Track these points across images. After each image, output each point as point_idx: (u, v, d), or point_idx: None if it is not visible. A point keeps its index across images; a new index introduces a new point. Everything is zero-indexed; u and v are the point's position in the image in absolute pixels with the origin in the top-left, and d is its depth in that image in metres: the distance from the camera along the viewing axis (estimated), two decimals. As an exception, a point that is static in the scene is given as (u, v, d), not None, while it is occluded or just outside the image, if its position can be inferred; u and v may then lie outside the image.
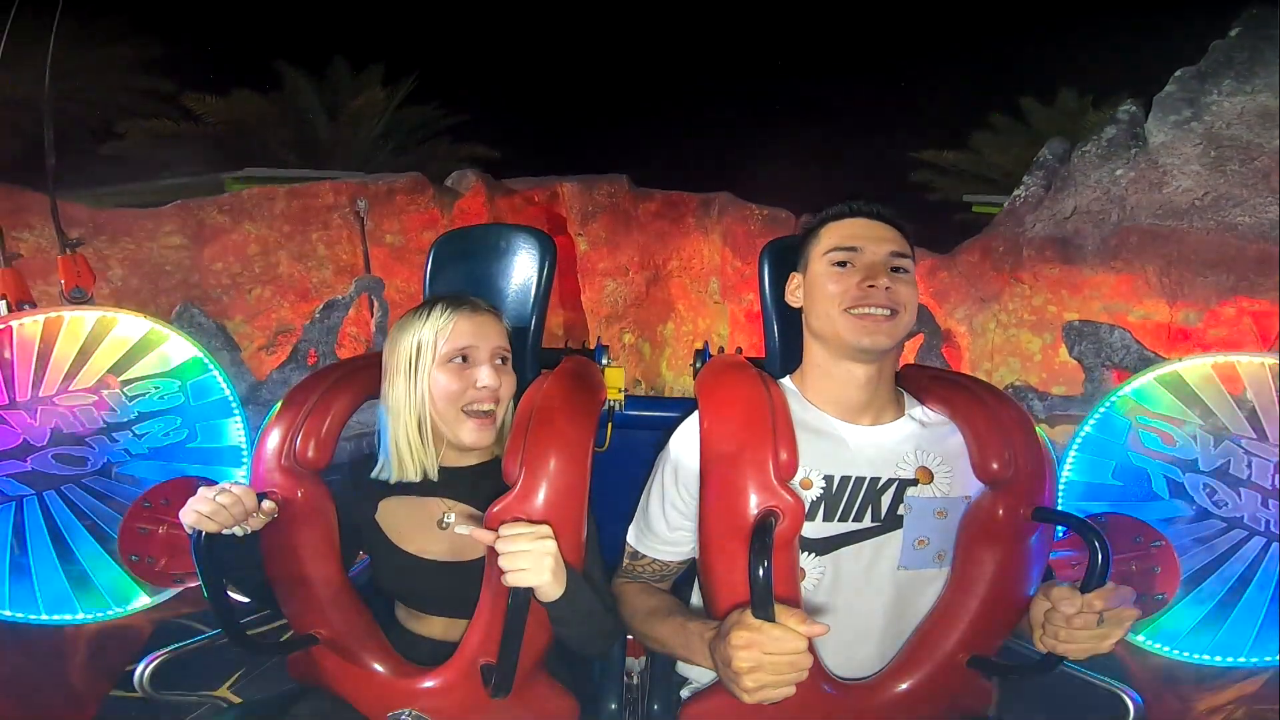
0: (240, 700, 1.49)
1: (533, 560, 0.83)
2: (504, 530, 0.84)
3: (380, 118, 7.73)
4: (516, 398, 1.05)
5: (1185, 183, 2.85)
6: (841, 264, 0.97)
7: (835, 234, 1.00)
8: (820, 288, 0.98)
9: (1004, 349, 3.31)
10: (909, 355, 3.26)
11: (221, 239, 3.43)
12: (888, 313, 0.94)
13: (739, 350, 1.31)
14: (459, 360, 1.01)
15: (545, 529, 0.85)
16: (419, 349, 1.01)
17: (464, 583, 1.00)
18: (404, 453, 1.02)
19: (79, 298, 1.67)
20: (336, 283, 3.65)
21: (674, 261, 4.96)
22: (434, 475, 1.04)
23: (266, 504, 0.94)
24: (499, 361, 1.04)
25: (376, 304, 3.45)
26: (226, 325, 3.15)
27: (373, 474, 1.07)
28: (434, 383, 1.00)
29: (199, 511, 0.86)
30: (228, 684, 1.52)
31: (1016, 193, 3.48)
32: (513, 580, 0.83)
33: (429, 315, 1.02)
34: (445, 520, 1.05)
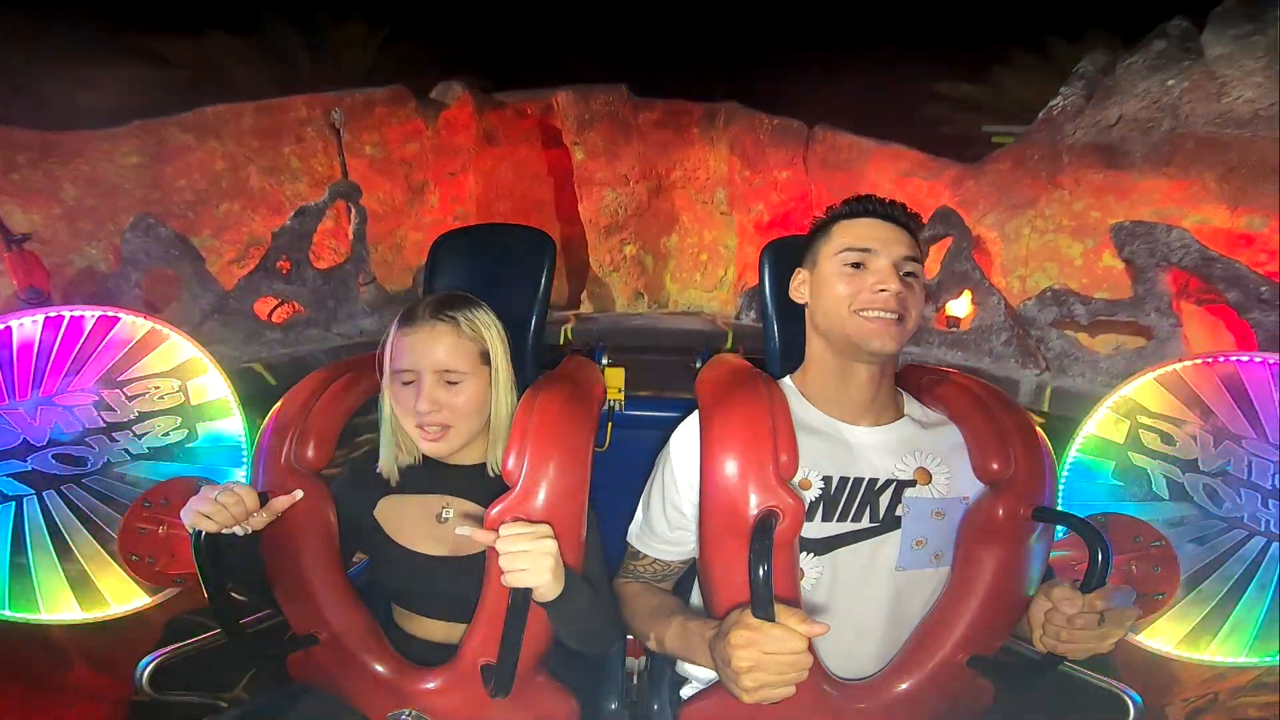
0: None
1: (532, 560, 0.83)
2: (504, 530, 0.84)
3: (365, 52, 7.44)
4: (520, 391, 1.05)
5: (1247, 93, 2.70)
6: (854, 265, 0.97)
7: (849, 233, 0.99)
8: (830, 286, 0.98)
9: (1040, 254, 3.19)
10: (935, 260, 3.18)
11: (185, 156, 3.30)
12: (896, 317, 0.94)
13: (739, 350, 1.31)
14: (405, 380, 1.00)
15: (545, 529, 0.85)
16: (382, 358, 1.04)
17: (462, 579, 1.00)
18: (383, 448, 1.07)
19: (35, 298, 1.60)
20: (312, 196, 3.47)
21: (677, 172, 4.77)
22: (394, 478, 1.07)
23: (279, 501, 0.94)
24: (447, 381, 1.00)
25: (354, 210, 3.30)
26: (193, 241, 3.00)
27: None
28: (390, 395, 1.03)
29: (199, 511, 0.86)
30: (241, 685, 1.52)
31: (1052, 103, 3.29)
32: (512, 580, 0.83)
33: (391, 326, 1.03)
34: (444, 515, 1.05)
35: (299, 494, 0.96)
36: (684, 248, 4.94)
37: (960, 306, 3.05)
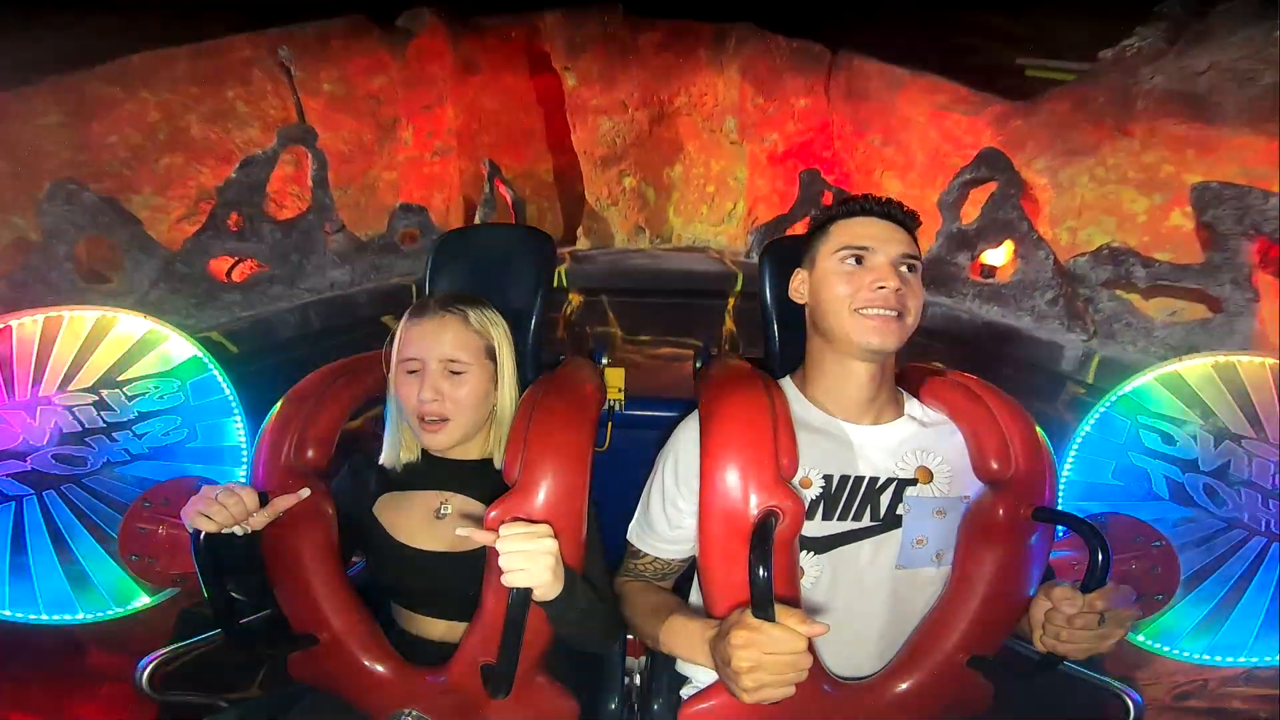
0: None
1: (532, 560, 0.83)
2: (504, 530, 0.84)
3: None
4: (521, 391, 1.06)
5: (1379, 50, 2.26)
6: (854, 262, 0.97)
7: (846, 232, 0.99)
8: (829, 286, 0.98)
9: (1097, 206, 2.81)
10: (974, 205, 2.85)
11: (113, 111, 2.95)
12: (895, 314, 0.94)
13: (739, 350, 1.31)
14: (411, 369, 1.02)
15: (545, 529, 0.85)
16: (389, 353, 1.05)
17: (460, 575, 1.00)
18: (387, 441, 1.09)
19: None
20: (265, 141, 3.09)
21: (681, 98, 4.31)
22: (399, 466, 1.10)
23: (282, 500, 0.94)
24: (451, 372, 1.02)
25: (311, 156, 2.98)
26: (133, 199, 2.75)
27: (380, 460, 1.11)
28: (395, 387, 1.04)
29: (199, 511, 0.87)
30: (254, 684, 1.53)
31: (1126, 43, 2.89)
32: (512, 580, 0.83)
33: (401, 318, 1.05)
34: (442, 511, 1.06)
35: (305, 492, 0.96)
36: (689, 179, 4.46)
37: (998, 255, 2.77)
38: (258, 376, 1.21)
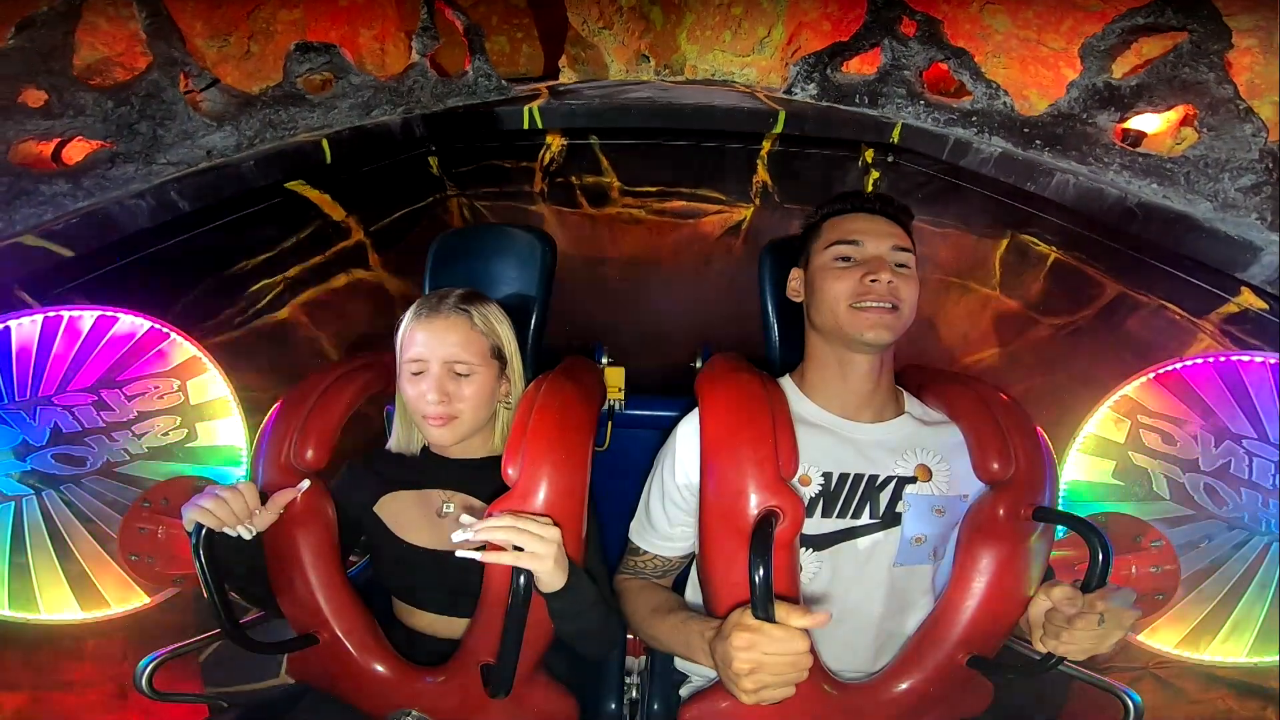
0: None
1: (530, 542, 0.83)
2: (507, 518, 0.85)
3: None
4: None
5: None
6: (844, 259, 0.98)
7: (837, 229, 1.00)
8: (823, 282, 0.99)
9: None
10: (1129, 62, 2.16)
11: None
12: (889, 306, 0.94)
13: (739, 349, 1.32)
14: (415, 370, 1.02)
15: (549, 521, 0.86)
16: (395, 351, 1.06)
17: (463, 573, 1.00)
18: (394, 434, 1.12)
19: None
20: None
21: None
22: (405, 459, 1.12)
23: (282, 495, 0.96)
24: (456, 373, 1.02)
25: (136, 4, 2.00)
26: None
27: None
28: (401, 385, 1.05)
29: (201, 506, 0.87)
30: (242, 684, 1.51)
31: None
32: (518, 559, 0.83)
33: (405, 315, 1.06)
34: (445, 509, 1.06)
35: (305, 483, 0.98)
36: (708, -3, 3.35)
37: (1150, 122, 2.19)
38: (105, 284, 1.10)
